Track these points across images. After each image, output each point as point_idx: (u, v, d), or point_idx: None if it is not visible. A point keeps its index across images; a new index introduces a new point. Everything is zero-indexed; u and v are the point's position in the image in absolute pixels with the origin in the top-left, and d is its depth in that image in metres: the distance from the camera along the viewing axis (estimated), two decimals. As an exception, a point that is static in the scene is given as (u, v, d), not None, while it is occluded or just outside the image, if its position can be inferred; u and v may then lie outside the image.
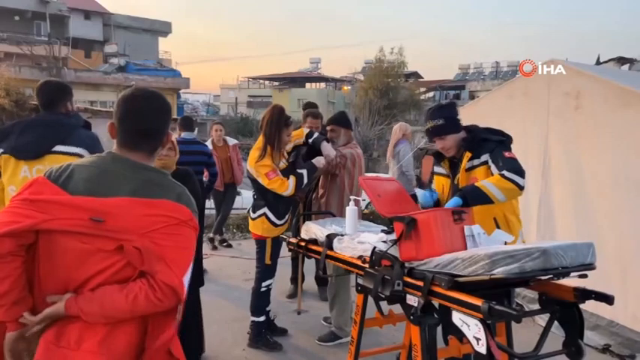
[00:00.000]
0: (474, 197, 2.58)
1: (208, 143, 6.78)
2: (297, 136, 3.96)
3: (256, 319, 3.86)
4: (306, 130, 4.02)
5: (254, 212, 3.78)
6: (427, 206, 2.95)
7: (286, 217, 3.82)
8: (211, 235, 7.02)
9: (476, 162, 2.81)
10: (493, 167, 2.72)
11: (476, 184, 2.64)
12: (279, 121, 3.64)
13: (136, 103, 1.63)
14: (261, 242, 3.81)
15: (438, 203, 3.01)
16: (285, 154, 3.85)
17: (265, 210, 3.71)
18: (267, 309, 3.94)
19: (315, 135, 3.95)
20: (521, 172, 2.61)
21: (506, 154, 2.71)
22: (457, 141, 2.88)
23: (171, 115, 1.75)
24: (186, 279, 1.55)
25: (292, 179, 3.65)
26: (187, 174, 3.11)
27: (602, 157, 3.99)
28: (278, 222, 3.75)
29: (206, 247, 6.65)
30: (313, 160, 3.80)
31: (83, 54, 32.03)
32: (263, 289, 3.82)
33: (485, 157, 2.77)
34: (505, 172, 2.60)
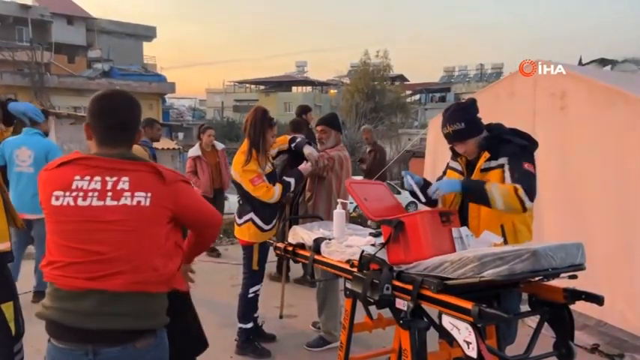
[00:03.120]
0: (476, 194, 2.50)
1: (195, 149, 6.55)
2: (280, 142, 3.93)
3: (244, 325, 3.80)
4: (288, 137, 4.01)
5: (240, 218, 3.72)
6: (417, 181, 2.78)
7: (274, 221, 3.77)
8: None
9: (493, 164, 2.63)
10: (508, 175, 2.55)
11: (485, 185, 2.51)
12: (262, 122, 3.61)
13: (109, 101, 1.75)
14: (248, 248, 3.75)
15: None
16: (270, 158, 3.81)
17: (252, 215, 3.65)
18: (255, 315, 3.89)
19: (298, 140, 3.94)
20: (532, 194, 2.47)
21: (526, 165, 2.53)
22: (479, 143, 2.69)
23: (141, 111, 1.85)
24: None
25: (278, 187, 3.62)
26: None
27: (589, 157, 4.01)
28: (265, 227, 3.70)
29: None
30: (300, 167, 3.77)
31: (66, 59, 31.61)
32: (250, 295, 3.76)
33: (502, 160, 2.60)
34: (520, 191, 2.44)
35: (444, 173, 3.02)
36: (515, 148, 2.61)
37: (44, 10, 31.78)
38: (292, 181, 3.71)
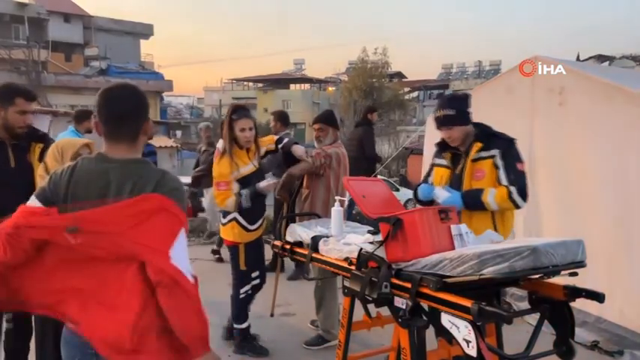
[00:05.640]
0: (472, 205, 2.70)
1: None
2: (267, 141, 3.89)
3: (239, 325, 3.77)
4: (275, 137, 3.98)
5: (224, 217, 3.68)
6: (427, 201, 2.97)
7: (259, 221, 3.73)
8: (215, 247, 6.59)
9: (484, 154, 2.79)
10: (502, 174, 2.73)
11: (482, 197, 2.71)
12: (228, 118, 3.60)
13: (109, 93, 1.74)
14: (233, 248, 3.70)
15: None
16: (258, 157, 3.75)
17: (236, 214, 3.60)
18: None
19: (285, 140, 3.90)
20: (525, 194, 2.70)
21: (519, 166, 2.75)
22: (464, 133, 2.84)
23: (146, 103, 1.81)
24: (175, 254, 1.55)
25: (232, 200, 3.52)
26: None
27: (587, 153, 3.99)
28: (250, 227, 3.65)
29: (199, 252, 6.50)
30: (261, 184, 3.62)
31: (63, 57, 31.50)
32: (242, 296, 3.72)
33: (494, 152, 2.77)
34: (513, 192, 2.67)
35: (429, 173, 3.13)
36: (505, 142, 2.80)
37: (41, 8, 31.61)
38: (246, 193, 3.53)
